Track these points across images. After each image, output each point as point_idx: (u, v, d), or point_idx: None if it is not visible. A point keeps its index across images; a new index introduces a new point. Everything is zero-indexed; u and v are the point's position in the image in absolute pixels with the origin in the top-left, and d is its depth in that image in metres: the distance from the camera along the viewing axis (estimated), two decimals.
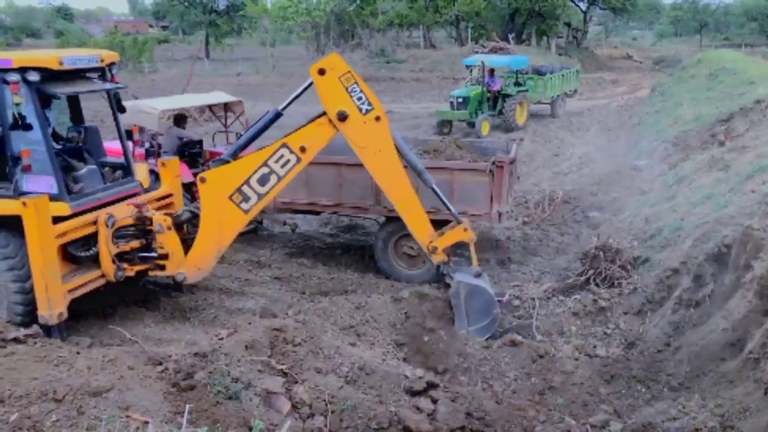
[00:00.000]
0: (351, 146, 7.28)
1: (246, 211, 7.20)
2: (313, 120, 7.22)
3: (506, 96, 21.27)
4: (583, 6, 56.56)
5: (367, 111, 7.08)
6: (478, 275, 7.88)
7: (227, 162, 7.29)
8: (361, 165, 9.01)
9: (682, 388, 6.03)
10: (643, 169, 13.57)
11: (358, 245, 10.96)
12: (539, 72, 24.77)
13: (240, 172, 7.13)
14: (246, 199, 7.14)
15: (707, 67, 22.25)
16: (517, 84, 22.09)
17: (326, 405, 5.34)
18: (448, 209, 7.80)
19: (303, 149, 7.13)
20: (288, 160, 7.12)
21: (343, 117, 7.03)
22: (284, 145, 7.11)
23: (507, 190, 8.98)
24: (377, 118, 7.14)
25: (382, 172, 7.46)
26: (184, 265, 7.45)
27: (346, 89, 7.01)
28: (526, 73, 23.37)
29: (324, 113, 7.17)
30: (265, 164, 7.09)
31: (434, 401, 5.74)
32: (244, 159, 7.29)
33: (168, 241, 7.38)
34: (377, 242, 9.53)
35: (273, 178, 7.14)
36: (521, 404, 5.98)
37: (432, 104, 26.37)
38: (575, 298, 7.97)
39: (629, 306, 7.65)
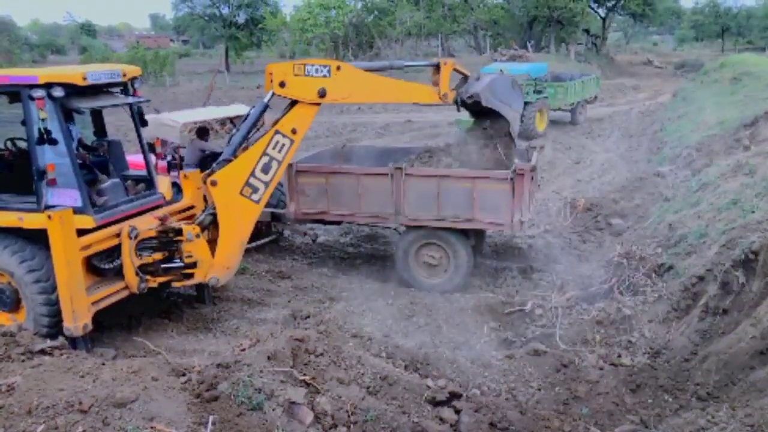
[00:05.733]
0: (344, 102, 8.29)
1: (257, 202, 7.70)
2: (293, 104, 7.84)
3: (526, 103, 21.18)
4: (602, 12, 56.31)
5: (329, 71, 7.71)
6: (477, 78, 8.80)
7: (230, 161, 7.63)
8: (380, 174, 9.10)
9: (711, 398, 5.91)
10: (667, 176, 13.40)
11: (379, 255, 10.95)
12: (559, 79, 24.65)
13: (244, 166, 7.60)
14: (255, 190, 7.65)
15: (730, 71, 22.00)
16: (536, 91, 22.00)
17: (349, 416, 5.32)
18: (427, 64, 8.95)
19: (294, 131, 7.76)
20: (283, 145, 7.71)
21: (323, 93, 7.72)
22: (277, 132, 7.70)
23: (528, 198, 8.92)
24: (338, 68, 7.76)
25: (374, 92, 8.34)
26: (213, 269, 7.69)
27: (305, 75, 7.66)
28: (546, 80, 23.27)
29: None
30: (264, 153, 7.63)
31: (457, 412, 5.70)
32: (245, 154, 7.69)
33: (198, 248, 7.57)
34: (398, 251, 9.52)
35: (274, 165, 7.70)
36: (546, 414, 5.92)
37: (451, 113, 26.32)
38: (599, 307, 7.87)
39: (654, 314, 7.54)
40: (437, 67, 8.40)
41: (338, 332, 6.72)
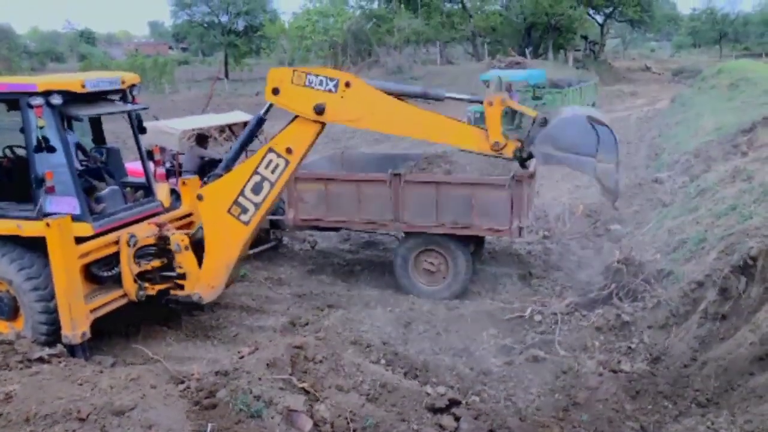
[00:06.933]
0: (350, 126, 6.93)
1: (246, 223, 7.01)
2: (293, 120, 6.89)
3: None
4: (600, 19, 56.51)
5: (336, 86, 6.52)
6: (544, 122, 6.37)
7: (221, 176, 7.16)
8: (379, 181, 9.10)
9: (710, 404, 5.90)
10: (665, 181, 13.41)
11: (378, 262, 10.94)
12: (557, 85, 24.72)
13: (233, 184, 6.97)
14: (244, 210, 6.96)
15: (727, 77, 22.06)
16: (534, 98, 22.05)
17: (348, 423, 5.31)
18: (469, 100, 7.14)
19: (289, 151, 6.83)
20: (277, 165, 6.85)
21: (321, 110, 6.57)
22: (270, 150, 6.87)
23: (527, 205, 8.93)
24: (347, 84, 6.53)
25: (393, 124, 6.74)
26: (198, 285, 7.42)
27: (305, 86, 6.58)
28: (544, 87, 23.33)
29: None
30: (255, 172, 6.88)
31: (457, 419, 5.68)
32: (235, 170, 7.09)
33: (185, 260, 7.39)
34: (396, 258, 9.51)
35: (266, 186, 6.90)
36: (545, 421, 5.90)
37: None
38: (598, 313, 7.86)
39: (653, 320, 7.53)
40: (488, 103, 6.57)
41: (337, 339, 6.71)
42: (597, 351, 7.32)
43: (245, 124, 12.22)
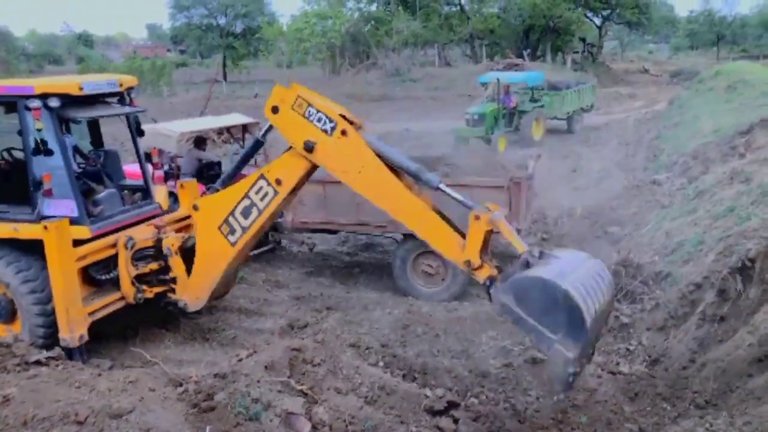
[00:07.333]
0: (335, 176, 6.37)
1: (232, 244, 6.81)
2: (286, 150, 6.55)
3: (522, 112, 21.27)
4: (598, 21, 56.61)
5: (332, 129, 6.10)
6: (526, 264, 5.44)
7: (218, 190, 7.06)
8: None
9: (709, 406, 5.90)
10: (663, 183, 13.42)
11: (376, 264, 10.93)
12: (555, 88, 24.75)
13: (226, 202, 6.78)
14: (232, 231, 6.76)
15: (725, 79, 22.08)
16: (532, 100, 22.08)
17: (346, 425, 5.30)
18: (460, 202, 6.06)
19: (278, 182, 6.51)
20: (266, 193, 6.57)
21: (309, 147, 6.16)
22: (262, 176, 6.59)
23: (525, 207, 8.93)
24: (343, 132, 6.10)
25: (375, 192, 6.23)
26: (185, 292, 7.38)
27: (303, 116, 6.15)
28: (542, 89, 23.36)
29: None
30: (246, 196, 6.63)
31: (455, 421, 5.68)
32: (229, 189, 6.92)
33: (175, 265, 7.35)
34: (395, 260, 9.51)
35: (254, 212, 6.65)
36: (544, 423, 5.89)
37: (448, 122, 26.42)
38: None
39: (652, 322, 7.54)
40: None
41: (336, 342, 6.69)
42: (596, 353, 7.33)
43: (244, 126, 12.28)
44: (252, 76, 57.01)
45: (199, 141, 11.77)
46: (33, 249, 6.74)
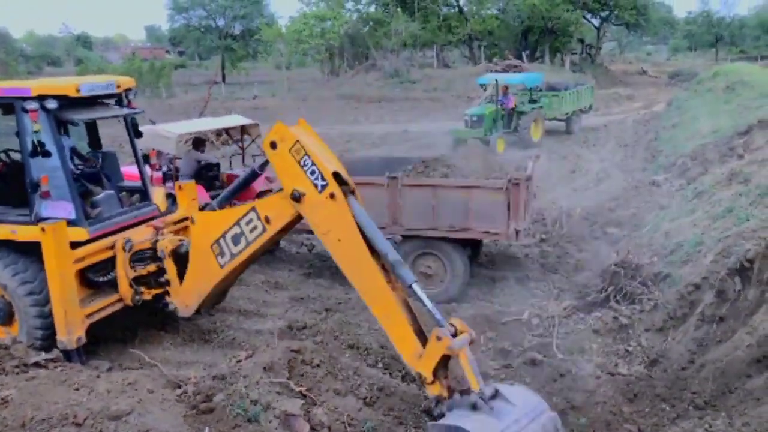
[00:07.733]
0: (316, 234, 6.12)
1: (221, 266, 6.58)
2: (278, 190, 6.24)
3: (521, 113, 21.29)
4: (596, 22, 56.67)
5: (323, 188, 5.73)
6: (474, 407, 4.87)
7: (215, 209, 6.94)
8: (376, 184, 9.08)
9: (708, 407, 5.90)
10: (662, 184, 13.45)
11: None
12: (554, 89, 24.77)
13: (220, 223, 6.55)
14: (222, 253, 6.53)
15: (723, 80, 22.14)
16: (531, 101, 22.10)
17: (345, 427, 5.30)
18: (429, 311, 5.50)
19: (267, 220, 6.22)
20: (255, 227, 6.29)
21: (297, 197, 5.83)
22: (253, 209, 6.32)
23: (524, 208, 8.93)
24: (331, 195, 5.71)
25: (348, 266, 5.87)
26: (176, 297, 7.31)
27: (298, 163, 5.80)
28: (541, 90, 23.38)
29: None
30: (237, 224, 6.38)
31: None
32: (225, 211, 6.76)
33: (167, 268, 7.29)
34: None
35: (243, 242, 6.38)
36: None
37: (447, 123, 26.45)
38: (596, 316, 7.87)
39: (651, 323, 7.54)
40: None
41: (334, 343, 6.69)
42: (595, 354, 7.33)
43: (242, 127, 12.28)
44: (251, 78, 57.05)
45: (198, 142, 11.76)
46: (31, 251, 6.72)
